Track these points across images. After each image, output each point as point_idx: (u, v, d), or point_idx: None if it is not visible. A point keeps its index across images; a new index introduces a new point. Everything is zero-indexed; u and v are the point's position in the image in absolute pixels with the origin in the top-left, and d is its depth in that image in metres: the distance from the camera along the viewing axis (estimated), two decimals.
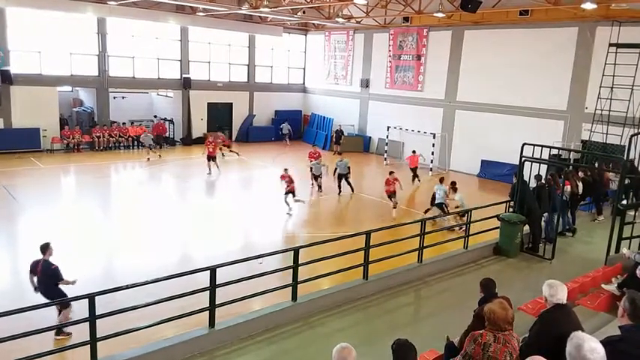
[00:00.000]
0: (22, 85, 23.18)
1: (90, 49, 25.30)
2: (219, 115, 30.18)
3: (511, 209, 11.59)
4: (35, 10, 23.16)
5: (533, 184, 11.37)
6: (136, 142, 26.29)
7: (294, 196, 16.20)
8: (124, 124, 26.99)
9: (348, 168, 18.81)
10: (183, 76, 28.39)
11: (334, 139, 28.18)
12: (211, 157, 20.97)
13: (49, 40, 24.08)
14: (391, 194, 16.30)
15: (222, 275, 7.30)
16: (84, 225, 14.22)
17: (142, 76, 27.01)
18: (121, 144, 26.10)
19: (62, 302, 7.88)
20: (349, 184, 18.80)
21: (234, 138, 30.55)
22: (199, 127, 29.22)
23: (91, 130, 25.51)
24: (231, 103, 30.68)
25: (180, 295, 7.97)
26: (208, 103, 29.61)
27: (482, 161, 23.31)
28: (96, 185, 19.33)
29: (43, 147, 23.96)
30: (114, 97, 27.25)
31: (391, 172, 16.75)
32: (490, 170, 22.84)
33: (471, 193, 19.86)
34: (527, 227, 11.06)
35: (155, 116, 28.71)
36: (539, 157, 11.07)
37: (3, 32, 22.59)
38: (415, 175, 20.92)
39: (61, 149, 24.37)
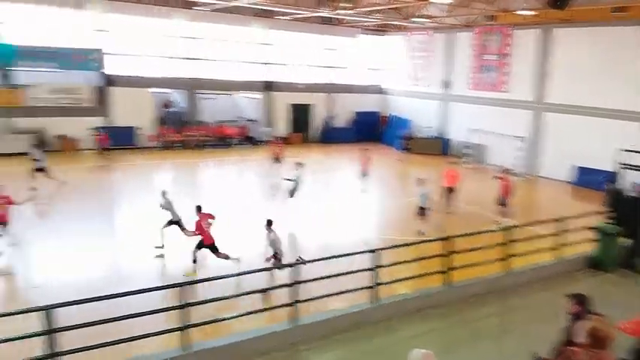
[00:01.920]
0: (121, 86, 25.13)
1: (181, 52, 26.89)
2: (300, 116, 30.89)
3: (607, 220, 10.87)
4: (135, 17, 25.08)
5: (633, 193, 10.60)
6: (222, 142, 27.54)
7: None
8: (213, 123, 28.32)
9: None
10: (266, 78, 29.42)
11: (403, 145, 27.22)
12: (277, 159, 21.27)
13: (146, 44, 25.92)
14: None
15: (303, 273, 7.52)
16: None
17: (228, 78, 28.35)
18: (209, 143, 27.31)
19: None
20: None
21: (312, 139, 31.13)
22: (281, 128, 30.09)
23: (183, 129, 27.08)
24: (311, 105, 31.27)
25: (263, 290, 8.33)
26: (289, 104, 30.39)
27: (575, 167, 21.93)
28: (189, 181, 20.55)
29: (139, 144, 25.78)
30: (203, 99, 28.71)
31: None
32: (584, 177, 21.44)
33: (562, 201, 18.82)
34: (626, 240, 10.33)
35: (240, 117, 29.97)
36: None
37: (103, 37, 24.59)
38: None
39: (156, 146, 26.09)
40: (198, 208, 10.94)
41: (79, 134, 24.20)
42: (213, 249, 10.73)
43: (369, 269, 8.17)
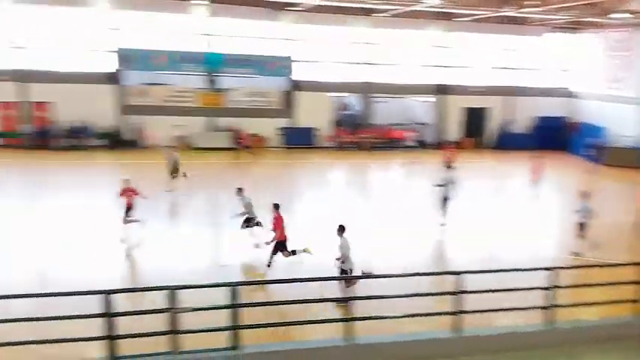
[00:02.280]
0: (305, 91, 27.21)
1: (358, 58, 28.01)
2: (474, 120, 29.73)
3: None
4: (319, 26, 26.96)
5: None
6: (393, 144, 27.96)
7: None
8: (385, 126, 28.91)
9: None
10: (440, 81, 29.02)
11: (592, 155, 23.75)
12: (449, 164, 20.65)
13: (328, 51, 27.64)
14: None
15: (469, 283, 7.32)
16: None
17: (401, 82, 28.68)
18: (380, 145, 27.91)
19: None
20: None
21: (486, 144, 29.72)
22: (453, 132, 29.36)
23: (356, 132, 28.21)
24: (487, 109, 29.86)
25: (428, 294, 8.32)
26: (463, 107, 29.47)
27: None
28: (356, 180, 21.47)
29: (317, 144, 27.63)
30: (377, 102, 29.48)
31: None
32: None
33: None
34: None
35: (412, 121, 30.10)
36: None
37: (292, 44, 26.86)
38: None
39: (331, 147, 27.65)
40: (276, 206, 11.14)
41: (268, 133, 26.91)
42: (282, 247, 10.88)
43: (545, 288, 7.59)
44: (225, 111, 26.36)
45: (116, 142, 25.02)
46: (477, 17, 26.18)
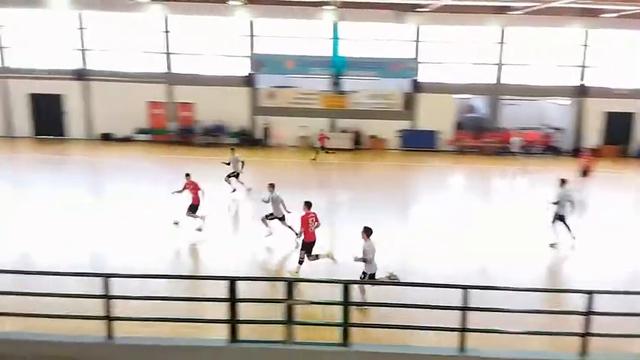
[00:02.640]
0: (428, 92, 26.79)
1: (485, 58, 26.83)
2: (617, 127, 26.79)
3: None
4: (447, 27, 26.33)
5: None
6: (522, 150, 26.30)
7: None
8: (514, 130, 27.30)
9: None
10: (579, 83, 26.61)
11: None
12: (585, 174, 18.77)
13: (454, 52, 26.91)
14: None
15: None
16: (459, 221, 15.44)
17: (534, 83, 26.87)
18: (507, 150, 26.42)
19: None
20: None
21: (631, 153, 26.63)
22: (592, 139, 26.80)
23: (480, 135, 27.08)
24: (633, 114, 26.73)
25: (549, 312, 7.83)
26: (605, 112, 26.72)
27: None
28: (472, 186, 20.64)
29: (437, 147, 27.06)
30: (505, 104, 28.00)
31: None
32: None
33: None
34: None
35: (545, 125, 28.06)
36: None
37: (417, 46, 26.58)
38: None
39: (452, 150, 26.90)
40: (308, 205, 10.95)
41: (387, 135, 26.99)
42: (309, 248, 10.66)
43: None
44: (347, 113, 26.97)
45: (247, 140, 26.97)
46: (623, 13, 23.56)
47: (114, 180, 20.06)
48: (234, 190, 17.25)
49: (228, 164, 17.33)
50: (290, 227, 12.73)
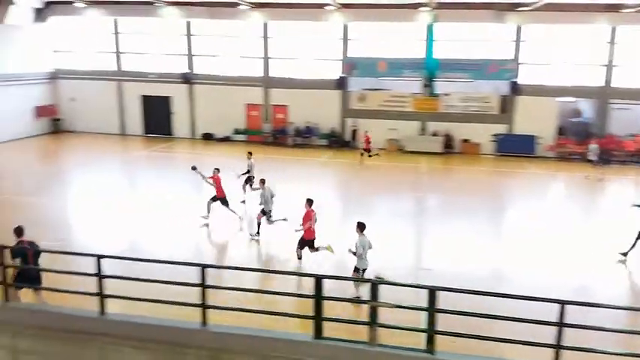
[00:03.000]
0: (527, 95, 25.41)
1: (594, 58, 24.92)
2: None
3: None
4: (549, 25, 24.84)
5: None
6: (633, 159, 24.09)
7: None
8: (624, 137, 25.06)
9: None
10: None
11: None
12: None
13: (556, 52, 25.29)
14: None
15: None
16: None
17: None
18: (616, 159, 24.29)
19: None
20: None
21: None
22: None
23: (585, 141, 25.11)
24: None
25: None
26: None
27: None
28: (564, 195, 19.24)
29: (536, 153, 25.56)
30: (615, 109, 25.77)
31: None
32: None
33: None
34: None
35: None
36: None
37: (517, 46, 25.31)
38: None
39: (552, 157, 25.28)
40: (309, 202, 11.40)
41: (481, 139, 26.00)
42: (309, 245, 11.27)
43: None
44: (439, 116, 26.36)
45: (336, 142, 27.35)
46: None
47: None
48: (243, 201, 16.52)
49: (247, 173, 16.92)
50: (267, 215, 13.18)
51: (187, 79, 28.60)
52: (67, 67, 30.06)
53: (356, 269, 9.63)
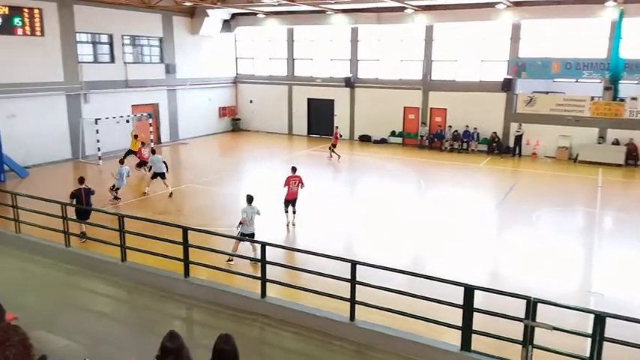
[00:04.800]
0: None
1: None
2: None
3: None
4: None
5: None
6: None
7: None
8: None
9: None
10: None
11: None
12: None
13: None
14: None
15: None
16: None
17: None
18: None
19: None
20: None
21: None
22: None
23: None
24: None
25: None
26: None
27: None
28: None
29: None
30: None
31: None
32: None
33: None
34: None
35: None
36: None
37: None
38: None
39: None
40: (293, 169, 14.12)
41: None
42: (287, 204, 13.82)
43: None
44: (622, 122, 23.23)
45: (497, 148, 25.86)
46: None
47: (371, 177, 21.90)
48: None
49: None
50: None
51: (350, 82, 29.66)
52: (246, 73, 33.48)
53: (242, 235, 10.78)
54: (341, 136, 25.84)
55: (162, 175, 17.00)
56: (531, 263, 12.07)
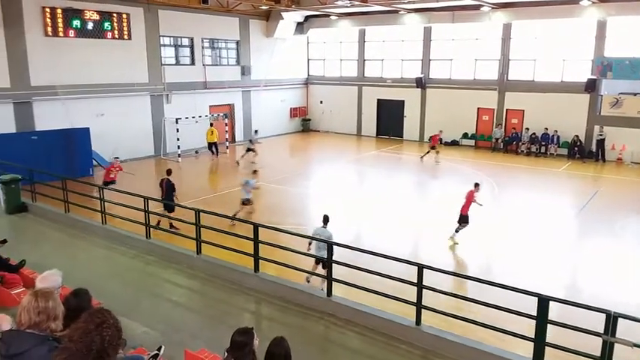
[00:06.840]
0: None
1: None
2: None
3: None
4: None
5: None
6: None
7: None
8: None
9: None
10: None
11: None
12: None
13: None
14: None
15: None
16: None
17: None
18: None
19: None
20: None
21: None
22: None
23: None
24: None
25: None
26: None
27: None
28: None
29: None
30: None
31: None
32: None
33: None
34: None
35: None
36: None
37: None
38: None
39: None
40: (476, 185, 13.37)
41: None
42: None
43: None
44: None
45: (577, 152, 24.42)
46: None
47: (442, 180, 21.47)
48: None
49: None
50: None
51: (421, 83, 29.18)
52: (317, 74, 33.89)
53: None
54: (441, 140, 25.53)
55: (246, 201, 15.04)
56: (613, 276, 11.34)
